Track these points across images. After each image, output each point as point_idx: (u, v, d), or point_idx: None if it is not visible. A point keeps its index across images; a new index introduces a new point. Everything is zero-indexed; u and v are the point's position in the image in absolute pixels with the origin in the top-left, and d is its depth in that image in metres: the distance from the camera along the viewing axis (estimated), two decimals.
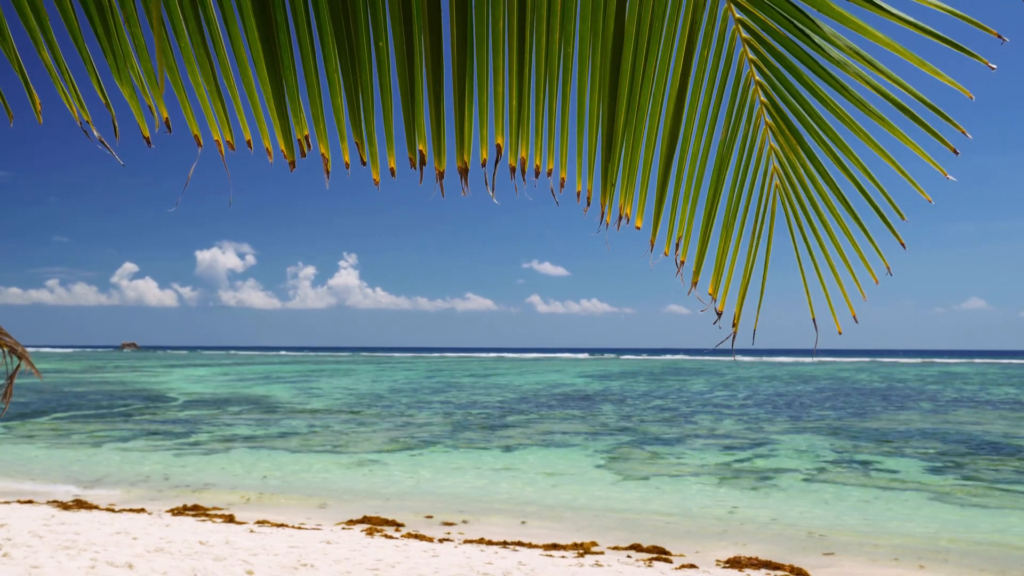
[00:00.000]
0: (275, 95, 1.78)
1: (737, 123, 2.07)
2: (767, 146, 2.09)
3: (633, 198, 2.12)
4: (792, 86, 1.93)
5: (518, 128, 1.92)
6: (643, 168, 2.09)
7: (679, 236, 2.19)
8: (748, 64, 1.97)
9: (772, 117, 2.03)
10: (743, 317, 2.22)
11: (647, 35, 1.90)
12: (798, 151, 2.02)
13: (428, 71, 1.76)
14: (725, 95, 2.03)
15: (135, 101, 1.79)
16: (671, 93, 2.00)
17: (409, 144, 1.84)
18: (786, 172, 2.09)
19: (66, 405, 28.24)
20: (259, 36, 1.72)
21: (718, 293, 2.22)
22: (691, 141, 2.09)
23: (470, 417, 24.32)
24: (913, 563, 8.58)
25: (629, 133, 2.02)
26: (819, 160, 2.01)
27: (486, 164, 1.89)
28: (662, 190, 2.13)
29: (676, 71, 1.96)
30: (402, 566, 7.60)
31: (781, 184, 2.11)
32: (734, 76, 2.00)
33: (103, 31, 1.74)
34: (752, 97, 2.03)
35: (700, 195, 2.17)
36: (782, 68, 1.91)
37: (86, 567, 6.94)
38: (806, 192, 2.07)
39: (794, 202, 2.11)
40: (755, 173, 2.13)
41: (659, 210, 2.15)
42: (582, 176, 2.06)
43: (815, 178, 2.04)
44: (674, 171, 2.12)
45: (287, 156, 1.83)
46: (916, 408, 27.80)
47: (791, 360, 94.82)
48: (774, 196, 2.14)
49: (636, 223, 2.15)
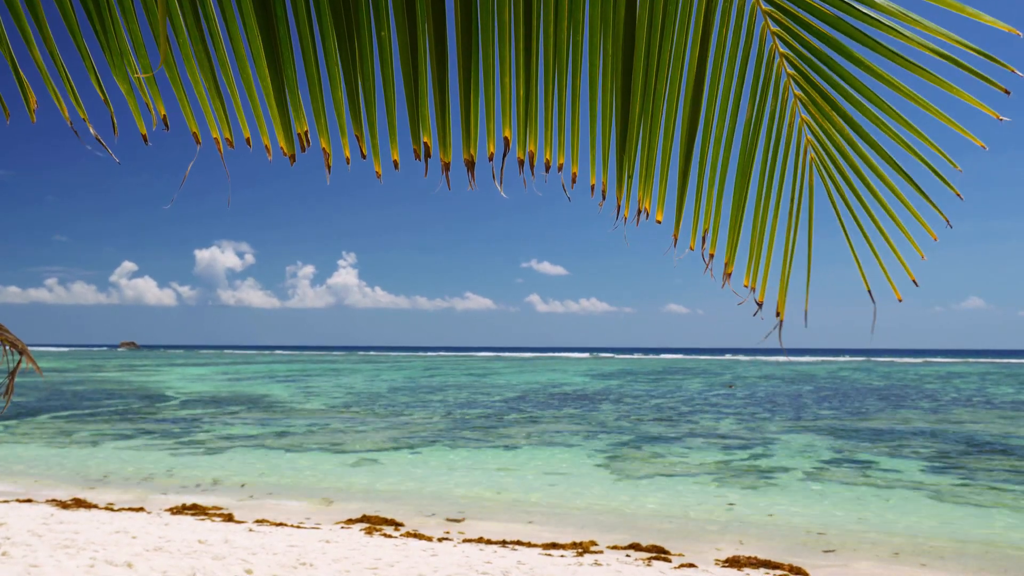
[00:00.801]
0: (275, 89, 1.74)
1: (763, 100, 1.97)
2: (798, 120, 1.99)
3: (652, 190, 2.01)
4: (822, 52, 1.83)
5: (526, 120, 1.85)
6: (662, 158, 1.99)
7: (705, 228, 2.07)
8: (771, 37, 1.89)
9: (802, 88, 1.94)
10: (784, 293, 2.08)
11: (660, 17, 1.82)
12: (835, 119, 1.92)
13: (432, 61, 1.71)
14: (748, 72, 1.94)
15: (132, 98, 1.78)
16: (689, 76, 1.91)
17: (413, 136, 1.78)
18: (822, 143, 1.98)
19: (65, 404, 28.21)
20: (258, 28, 1.69)
21: (756, 283, 2.09)
22: (713, 125, 1.99)
23: (469, 416, 24.31)
24: (913, 562, 8.57)
25: (645, 121, 1.93)
26: (860, 124, 1.90)
27: (493, 158, 1.82)
28: (684, 180, 2.02)
29: (693, 53, 1.88)
30: (401, 565, 7.59)
31: (817, 156, 2.01)
32: (756, 51, 1.92)
33: (100, 27, 1.73)
34: (778, 70, 1.94)
35: (727, 181, 2.05)
36: (810, 36, 1.83)
37: (85, 566, 6.92)
38: (847, 160, 1.96)
39: (834, 173, 2.00)
40: (787, 150, 2.03)
41: (681, 202, 2.03)
42: (595, 169, 1.95)
43: (856, 144, 1.93)
44: (696, 158, 2.01)
45: (287, 151, 1.80)
46: (915, 407, 27.80)
47: (791, 360, 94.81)
48: (811, 170, 2.03)
49: (656, 216, 2.04)
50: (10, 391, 5.01)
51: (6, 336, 5.14)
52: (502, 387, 40.08)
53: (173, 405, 28.53)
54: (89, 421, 22.58)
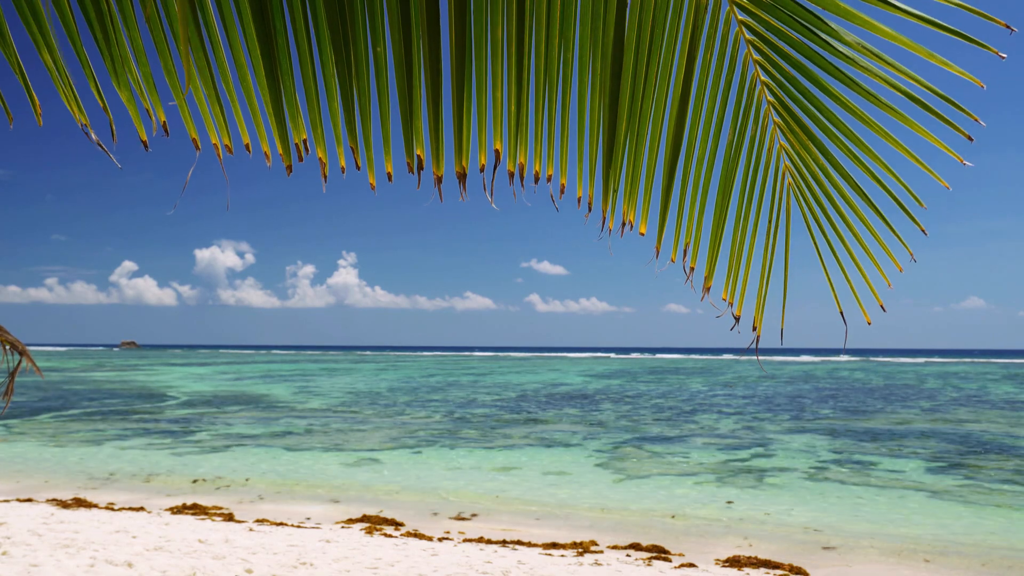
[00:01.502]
0: (273, 99, 1.77)
1: (744, 124, 2.05)
2: (776, 145, 2.07)
3: (636, 204, 2.09)
4: (800, 84, 1.91)
5: (517, 133, 1.91)
6: (646, 174, 2.06)
7: (687, 242, 2.15)
8: (753, 65, 1.96)
9: (781, 116, 2.01)
10: (761, 308, 2.18)
11: (648, 40, 1.88)
12: (810, 148, 2.01)
13: (426, 76, 1.75)
14: (731, 97, 2.02)
15: (133, 105, 1.79)
16: (674, 97, 1.98)
17: (407, 149, 1.83)
18: (799, 169, 2.07)
19: (65, 403, 28.24)
20: (257, 40, 1.72)
21: (734, 297, 2.18)
22: (696, 145, 2.07)
23: (469, 416, 24.33)
24: (913, 562, 8.59)
25: (631, 138, 2.00)
26: (832, 155, 1.99)
27: (484, 169, 1.87)
28: (667, 195, 2.10)
29: (679, 75, 1.95)
30: (401, 565, 7.61)
31: (794, 182, 2.10)
32: (739, 77, 1.99)
33: (102, 35, 1.75)
34: (759, 97, 2.02)
35: (708, 199, 2.14)
36: (788, 66, 1.90)
37: (85, 565, 6.94)
38: (821, 188, 2.05)
39: (809, 199, 2.09)
40: (766, 173, 2.12)
41: (664, 216, 2.12)
42: (583, 182, 2.03)
43: (829, 173, 2.02)
44: (679, 175, 2.09)
45: (284, 160, 1.83)
46: (915, 407, 27.81)
47: (789, 360, 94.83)
48: (788, 195, 2.12)
49: (640, 229, 2.12)
50: (10, 391, 5.03)
51: (6, 337, 5.16)
52: (502, 387, 40.10)
53: (173, 404, 28.56)
54: (89, 420, 22.60)
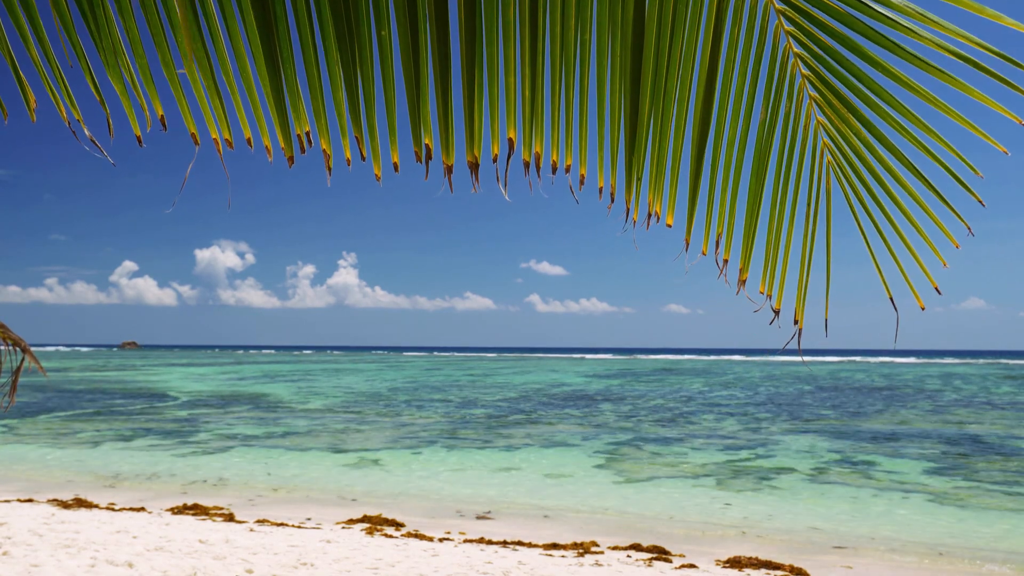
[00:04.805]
0: (274, 89, 1.72)
1: (778, 101, 1.92)
2: (813, 121, 1.93)
3: (663, 193, 1.95)
4: (838, 53, 1.78)
5: (532, 121, 1.80)
6: (672, 159, 1.93)
7: (719, 232, 2.01)
8: (785, 36, 1.83)
9: (817, 89, 1.88)
10: (803, 301, 2.02)
11: (671, 15, 1.78)
12: (851, 121, 1.86)
13: (434, 61, 1.67)
14: (761, 72, 1.89)
15: (126, 98, 1.76)
16: (700, 76, 1.86)
17: (414, 138, 1.74)
18: (839, 146, 1.93)
19: (67, 404, 28.22)
20: (257, 27, 1.67)
21: (772, 289, 2.03)
22: (726, 126, 1.93)
23: (470, 416, 24.31)
24: (914, 562, 8.56)
25: (656, 122, 1.88)
26: (877, 128, 1.84)
27: (497, 159, 1.77)
28: (695, 182, 1.96)
29: (705, 52, 1.83)
30: (402, 565, 7.58)
31: (834, 159, 1.95)
32: (770, 51, 1.86)
33: (94, 25, 1.71)
34: (792, 70, 1.88)
35: (741, 184, 1.99)
36: (824, 35, 1.77)
37: (86, 566, 6.92)
38: (865, 164, 1.90)
39: (852, 177, 1.94)
40: (803, 152, 1.97)
41: (693, 205, 1.97)
42: (604, 171, 1.89)
43: (874, 147, 1.87)
44: (708, 160, 1.95)
45: (286, 152, 1.78)
46: (916, 408, 27.78)
47: (791, 359, 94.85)
48: (827, 173, 1.97)
49: (667, 220, 1.97)
50: (14, 390, 4.99)
51: (9, 335, 5.12)
52: (502, 387, 40.07)
53: (174, 405, 28.54)
54: (90, 421, 22.58)
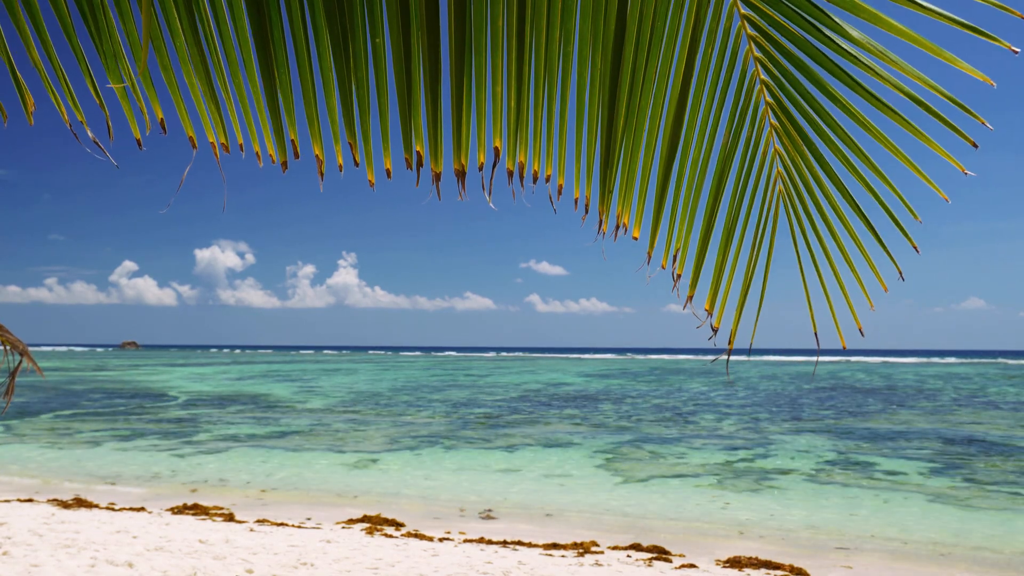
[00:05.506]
0: (268, 95, 1.74)
1: (740, 126, 1.98)
2: (771, 149, 2.00)
3: (631, 207, 2.04)
4: (800, 84, 1.85)
5: (517, 131, 1.86)
6: (642, 175, 2.01)
7: (676, 248, 2.10)
8: (754, 62, 1.89)
9: (778, 118, 1.94)
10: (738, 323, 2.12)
11: (649, 33, 1.83)
12: (804, 153, 1.93)
13: (425, 70, 1.71)
14: (728, 96, 1.95)
15: (126, 101, 1.77)
16: (672, 95, 1.92)
17: (405, 145, 1.78)
18: (791, 176, 1.99)
19: (67, 404, 28.23)
20: (252, 34, 1.69)
21: (714, 307, 2.12)
22: (692, 146, 2.01)
23: (470, 416, 24.32)
24: (914, 562, 8.57)
25: (628, 138, 1.95)
26: (827, 162, 1.91)
27: (483, 168, 1.82)
28: (661, 198, 2.04)
29: (678, 71, 1.89)
30: (402, 565, 7.59)
31: (785, 189, 2.02)
32: (738, 76, 1.92)
33: (95, 29, 1.72)
34: (757, 98, 1.94)
35: (699, 203, 2.07)
36: (790, 65, 1.83)
37: (86, 565, 6.93)
38: (812, 196, 1.98)
39: (798, 208, 2.01)
40: (757, 178, 2.04)
41: (657, 219, 2.06)
42: (580, 182, 1.97)
43: (821, 181, 1.94)
44: (674, 178, 2.03)
45: (280, 157, 1.80)
46: (916, 408, 27.78)
47: (791, 360, 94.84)
48: (777, 202, 2.04)
49: (634, 233, 2.06)
50: (11, 392, 5.02)
51: (7, 337, 5.15)
52: (502, 387, 40.08)
53: (174, 405, 28.55)
54: (90, 421, 22.59)
